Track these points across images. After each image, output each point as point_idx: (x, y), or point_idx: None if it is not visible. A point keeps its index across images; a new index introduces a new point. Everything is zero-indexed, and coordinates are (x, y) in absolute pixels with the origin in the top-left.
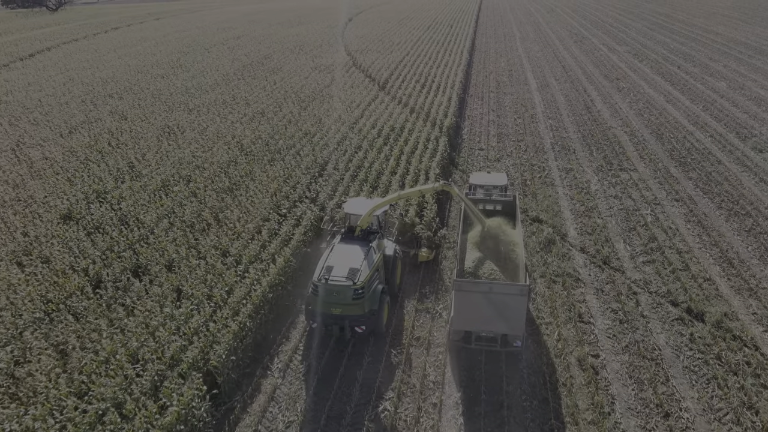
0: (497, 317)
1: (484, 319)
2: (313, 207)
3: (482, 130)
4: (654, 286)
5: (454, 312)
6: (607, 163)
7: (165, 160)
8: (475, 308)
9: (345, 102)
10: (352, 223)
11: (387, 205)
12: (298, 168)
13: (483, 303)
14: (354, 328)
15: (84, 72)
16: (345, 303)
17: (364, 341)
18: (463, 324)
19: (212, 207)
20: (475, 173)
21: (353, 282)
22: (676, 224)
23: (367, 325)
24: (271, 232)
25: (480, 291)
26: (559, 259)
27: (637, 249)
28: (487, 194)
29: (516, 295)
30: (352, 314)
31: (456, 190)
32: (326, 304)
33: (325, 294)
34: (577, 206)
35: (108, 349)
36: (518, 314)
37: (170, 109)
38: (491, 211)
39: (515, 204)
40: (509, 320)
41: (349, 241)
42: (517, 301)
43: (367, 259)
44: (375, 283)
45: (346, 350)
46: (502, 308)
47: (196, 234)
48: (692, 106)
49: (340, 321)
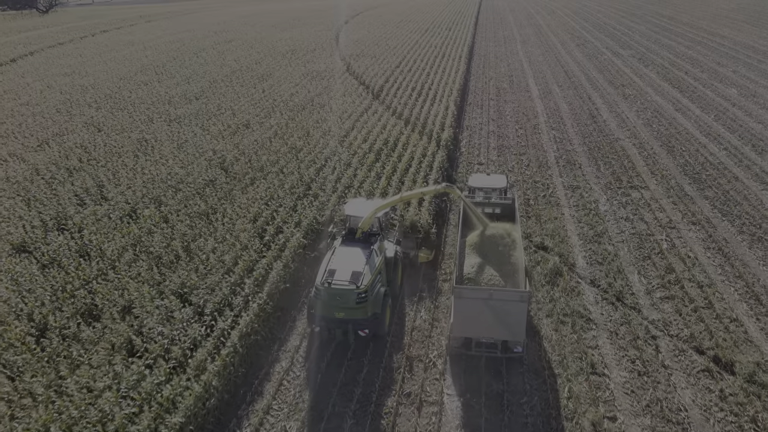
0: (497, 324)
1: (484, 326)
2: (296, 233)
3: (482, 142)
4: (675, 328)
5: (454, 318)
6: (615, 179)
7: (137, 179)
8: (474, 315)
9: (336, 112)
10: (352, 225)
11: (388, 207)
12: (281, 188)
13: (483, 309)
14: (357, 331)
15: (64, 79)
16: (348, 307)
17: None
18: (463, 330)
19: (184, 235)
20: (474, 175)
21: (356, 285)
22: (694, 252)
23: (371, 329)
24: (248, 265)
25: (480, 297)
26: (567, 295)
27: (653, 282)
28: (487, 197)
29: (516, 301)
30: (356, 318)
31: (458, 192)
32: (329, 307)
33: (328, 298)
34: (585, 230)
35: (41, 420)
36: (519, 320)
37: (150, 120)
38: (490, 214)
39: (514, 206)
40: (510, 326)
41: (350, 244)
42: (517, 308)
43: (369, 262)
44: (378, 286)
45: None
46: (503, 315)
47: (162, 269)
48: (703, 115)
49: (344, 325)
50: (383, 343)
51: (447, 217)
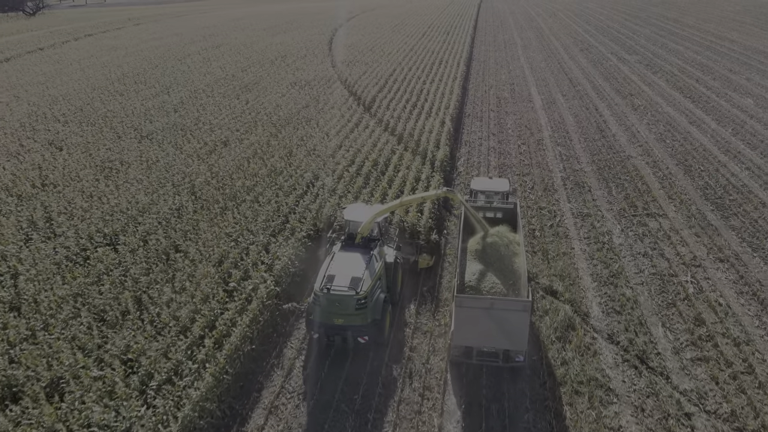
0: (499, 333)
1: (486, 335)
2: (268, 278)
3: (481, 160)
4: (711, 401)
5: (455, 327)
6: (630, 205)
7: (94, 210)
8: (476, 324)
9: (323, 128)
10: (351, 230)
11: (388, 213)
12: (254, 221)
13: (484, 318)
14: (357, 338)
15: (35, 89)
16: (348, 313)
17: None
18: (464, 339)
19: (137, 282)
20: (476, 179)
21: (356, 291)
22: (725, 297)
23: (370, 335)
24: (208, 322)
25: (481, 307)
26: (582, 355)
27: (681, 338)
28: (488, 201)
29: (518, 311)
30: (355, 324)
31: (459, 197)
32: (328, 314)
33: (327, 304)
34: (598, 269)
35: None
36: (521, 329)
37: (119, 137)
38: (492, 218)
39: (516, 212)
40: (511, 336)
41: (349, 249)
42: (519, 317)
43: (368, 268)
44: (377, 292)
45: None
46: (504, 324)
47: (105, 328)
48: (720, 128)
49: (343, 331)
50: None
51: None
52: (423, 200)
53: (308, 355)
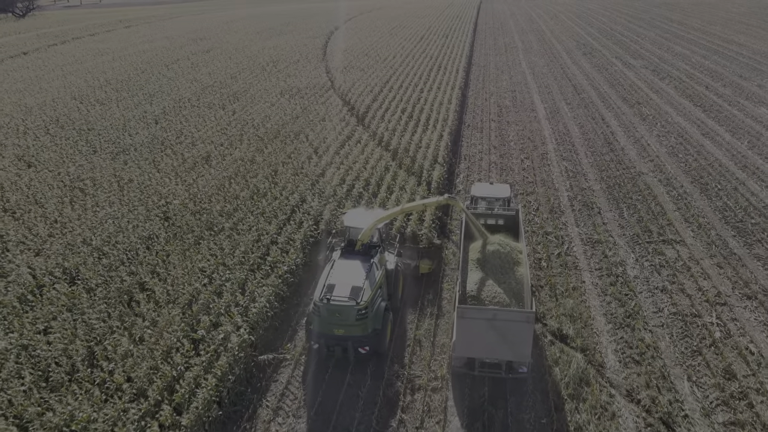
0: (502, 344)
1: (488, 346)
2: (242, 324)
3: (482, 176)
4: None
5: (457, 338)
6: (644, 230)
7: (56, 240)
8: (478, 335)
9: (312, 143)
10: (351, 236)
11: (389, 219)
12: (231, 255)
13: (487, 330)
14: (357, 349)
15: (11, 97)
16: (348, 324)
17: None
18: (466, 351)
19: (92, 330)
20: (476, 184)
21: (356, 302)
22: (756, 343)
23: (371, 345)
24: (168, 384)
25: (484, 318)
26: (598, 418)
27: (710, 395)
28: (489, 207)
29: (521, 322)
30: (356, 335)
31: (461, 205)
32: (328, 324)
33: (327, 314)
34: (613, 308)
35: None
36: (524, 341)
37: (93, 152)
38: (493, 225)
39: (518, 218)
40: (514, 347)
41: (349, 257)
42: (522, 328)
43: (369, 276)
44: (378, 301)
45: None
46: (507, 335)
47: (48, 390)
48: (735, 141)
49: (343, 342)
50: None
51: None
52: (424, 207)
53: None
